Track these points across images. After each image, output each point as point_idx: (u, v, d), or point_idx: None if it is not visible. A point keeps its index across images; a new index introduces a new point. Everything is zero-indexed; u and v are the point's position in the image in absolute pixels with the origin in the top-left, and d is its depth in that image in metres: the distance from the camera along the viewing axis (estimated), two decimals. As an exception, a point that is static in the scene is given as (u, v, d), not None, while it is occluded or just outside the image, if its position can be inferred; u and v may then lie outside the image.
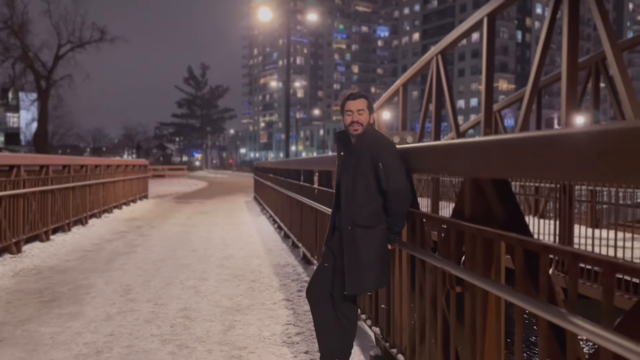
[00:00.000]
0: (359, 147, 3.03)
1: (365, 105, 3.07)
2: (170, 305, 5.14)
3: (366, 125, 3.05)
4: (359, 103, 3.08)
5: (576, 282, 1.59)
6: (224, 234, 10.32)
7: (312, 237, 6.56)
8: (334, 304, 3.16)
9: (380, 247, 2.98)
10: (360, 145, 3.03)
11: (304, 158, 10.14)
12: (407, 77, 12.09)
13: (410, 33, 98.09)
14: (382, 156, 2.91)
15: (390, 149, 2.95)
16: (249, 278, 6.40)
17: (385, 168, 2.88)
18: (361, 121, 3.05)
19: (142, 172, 19.77)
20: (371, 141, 2.99)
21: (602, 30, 6.18)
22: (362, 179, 2.99)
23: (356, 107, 3.07)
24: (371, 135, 3.03)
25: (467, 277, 2.08)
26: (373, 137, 3.01)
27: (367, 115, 3.06)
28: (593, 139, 1.52)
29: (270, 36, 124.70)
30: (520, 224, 2.09)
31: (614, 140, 1.43)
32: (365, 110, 3.06)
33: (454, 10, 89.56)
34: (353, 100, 3.09)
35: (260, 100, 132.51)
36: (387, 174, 2.87)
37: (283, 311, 4.99)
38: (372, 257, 2.96)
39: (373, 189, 2.96)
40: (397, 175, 2.86)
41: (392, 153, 2.94)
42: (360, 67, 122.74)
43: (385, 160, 2.89)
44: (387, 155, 2.92)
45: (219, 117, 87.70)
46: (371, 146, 2.97)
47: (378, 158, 2.91)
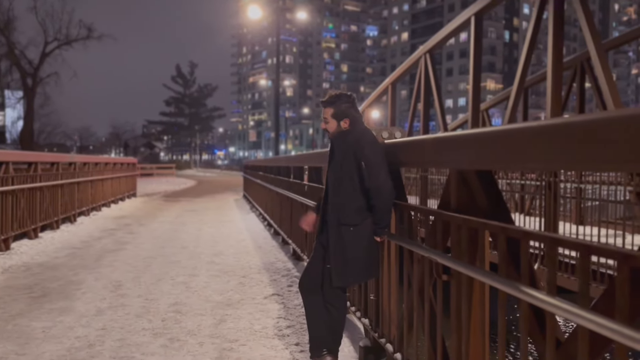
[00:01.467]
0: (344, 145, 3.10)
1: (329, 113, 3.16)
2: (161, 300, 5.18)
3: (334, 133, 3.15)
4: (325, 111, 3.20)
5: (555, 266, 1.67)
6: (213, 232, 10.34)
7: (302, 234, 6.62)
8: (323, 294, 3.23)
9: (366, 243, 3.05)
10: (345, 143, 3.10)
11: (294, 155, 10.23)
12: (395, 75, 12.20)
13: (399, 32, 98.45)
14: (364, 153, 2.98)
15: (372, 147, 3.01)
16: (239, 274, 6.44)
17: (367, 165, 2.96)
18: (327, 129, 3.19)
19: (130, 170, 19.69)
20: (355, 139, 3.06)
21: (586, 29, 6.31)
22: (347, 176, 3.06)
23: (323, 114, 3.21)
24: (356, 134, 3.09)
25: (454, 265, 2.16)
26: (358, 135, 3.08)
27: (333, 124, 3.16)
28: (573, 128, 1.60)
29: (259, 35, 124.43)
30: (504, 213, 2.17)
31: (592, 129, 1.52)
32: (330, 119, 3.16)
33: (443, 10, 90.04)
34: (323, 108, 3.22)
35: (249, 99, 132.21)
36: (369, 171, 2.95)
37: (274, 305, 5.05)
38: (358, 253, 3.04)
39: (357, 187, 3.04)
40: (378, 172, 2.93)
41: (374, 151, 3.00)
42: (349, 66, 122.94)
43: (367, 158, 2.97)
44: (368, 152, 2.98)
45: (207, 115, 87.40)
46: (355, 144, 3.04)
47: (361, 156, 2.99)
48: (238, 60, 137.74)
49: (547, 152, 1.68)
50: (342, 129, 3.13)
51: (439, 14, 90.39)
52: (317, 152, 6.71)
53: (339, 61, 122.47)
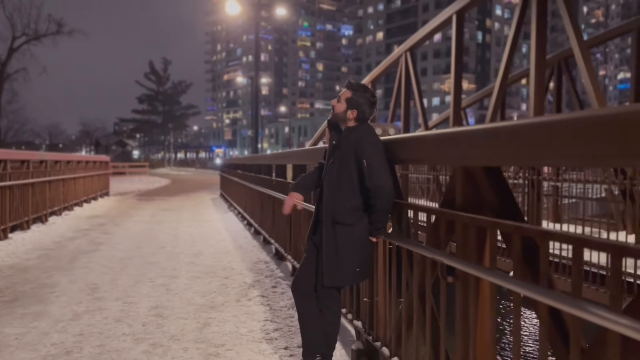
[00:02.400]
0: (345, 140, 2.99)
1: (345, 96, 3.06)
2: (141, 304, 4.98)
3: (337, 114, 3.06)
4: (344, 92, 3.10)
5: (581, 268, 1.58)
6: (191, 231, 10.11)
7: (286, 233, 6.48)
8: (317, 296, 3.11)
9: (360, 244, 2.94)
10: (347, 139, 2.99)
11: (276, 153, 10.08)
12: (375, 74, 12.15)
13: (374, 32, 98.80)
14: (367, 153, 2.87)
15: (375, 146, 2.91)
16: (221, 275, 6.27)
17: (368, 165, 2.84)
18: (334, 106, 3.08)
19: (103, 168, 19.21)
20: (358, 136, 2.95)
21: (569, 27, 6.33)
22: (346, 174, 2.95)
23: (341, 94, 3.10)
24: (359, 131, 2.98)
25: (463, 266, 2.06)
26: (360, 133, 2.97)
27: (342, 106, 3.04)
28: (586, 124, 1.51)
29: (234, 32, 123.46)
30: (515, 211, 2.08)
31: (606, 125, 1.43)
32: (343, 101, 3.05)
33: (417, 10, 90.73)
34: (344, 88, 3.12)
35: (224, 96, 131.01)
36: (370, 171, 2.83)
37: (259, 307, 4.90)
38: (351, 254, 2.93)
39: (356, 186, 2.93)
40: (380, 172, 2.83)
41: (377, 150, 2.90)
42: (324, 65, 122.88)
43: (369, 157, 2.85)
44: (371, 152, 2.87)
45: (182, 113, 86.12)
46: (357, 142, 2.92)
47: (362, 154, 2.87)
48: (212, 57, 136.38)
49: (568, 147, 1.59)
50: (346, 117, 3.01)
51: (414, 14, 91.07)
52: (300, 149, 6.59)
53: (314, 60, 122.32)
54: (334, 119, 3.07)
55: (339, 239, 2.93)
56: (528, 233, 1.81)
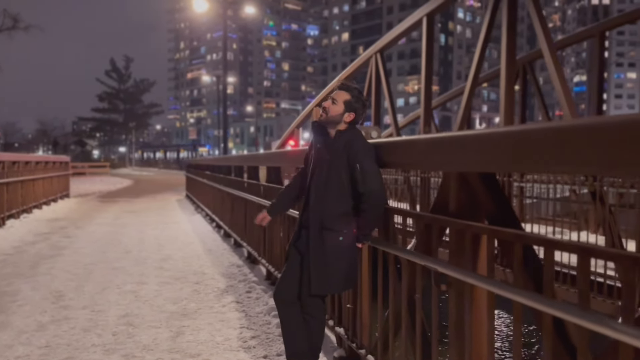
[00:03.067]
0: (336, 144, 2.89)
1: (343, 98, 2.94)
2: (110, 312, 4.77)
3: (333, 116, 2.93)
4: (337, 92, 2.98)
5: (588, 278, 1.54)
6: (158, 234, 9.84)
7: (259, 236, 6.36)
8: (301, 304, 3.01)
9: (348, 250, 2.86)
10: (337, 142, 2.89)
11: (249, 154, 10.00)
12: (345, 74, 12.13)
13: (339, 33, 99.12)
14: (359, 157, 2.78)
15: (367, 151, 2.83)
16: (192, 280, 6.09)
17: (362, 169, 2.76)
18: (327, 108, 2.93)
19: (63, 169, 18.56)
20: (349, 140, 2.86)
21: (540, 30, 6.43)
22: (336, 178, 2.86)
23: (334, 95, 2.97)
24: (350, 135, 2.90)
25: (461, 275, 2.00)
26: (351, 137, 2.88)
27: (339, 108, 2.92)
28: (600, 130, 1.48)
29: (198, 30, 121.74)
30: (512, 218, 2.04)
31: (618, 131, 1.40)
32: (340, 103, 2.93)
33: (382, 12, 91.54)
34: (338, 90, 3.00)
35: (187, 95, 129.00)
36: (363, 176, 2.75)
37: (234, 314, 4.77)
38: (340, 261, 2.85)
39: (346, 190, 2.84)
40: (373, 177, 2.76)
41: (369, 154, 2.82)
42: (290, 64, 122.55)
43: (362, 162, 2.77)
44: (363, 156, 2.79)
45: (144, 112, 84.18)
46: (349, 146, 2.84)
47: (355, 159, 2.79)
48: (175, 55, 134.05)
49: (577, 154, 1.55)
50: (341, 120, 2.92)
51: (379, 16, 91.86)
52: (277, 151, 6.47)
53: (280, 59, 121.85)
54: (326, 121, 2.95)
55: (327, 245, 2.84)
56: (531, 241, 1.77)
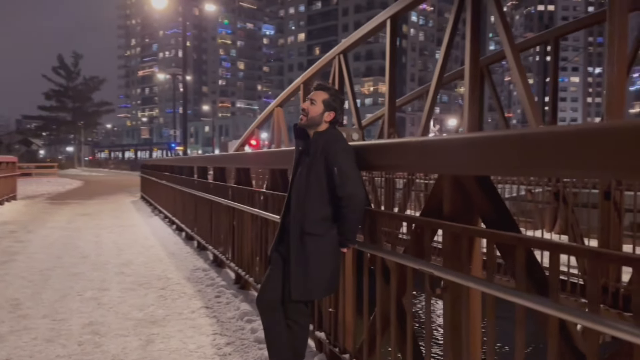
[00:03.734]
0: (314, 146, 2.83)
1: (321, 98, 2.87)
2: (72, 321, 4.54)
3: (313, 117, 2.86)
4: (314, 94, 2.89)
5: (599, 283, 1.55)
6: (115, 238, 9.49)
7: (226, 238, 6.22)
8: (285, 310, 2.94)
9: (330, 255, 2.81)
10: (316, 144, 2.82)
11: (217, 155, 9.80)
12: (308, 74, 12.09)
13: (295, 33, 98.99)
14: (337, 159, 2.72)
15: (346, 153, 2.78)
16: (156, 285, 5.89)
17: (340, 172, 2.70)
18: (308, 110, 2.85)
19: (9, 170, 17.66)
20: (327, 141, 2.80)
21: (503, 33, 6.58)
22: (316, 182, 2.79)
23: (313, 95, 2.89)
24: (328, 135, 2.84)
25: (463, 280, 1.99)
26: (330, 137, 2.82)
27: (319, 109, 2.86)
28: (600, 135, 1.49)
29: (149, 27, 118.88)
30: (509, 222, 2.04)
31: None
32: (319, 103, 2.87)
33: (337, 13, 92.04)
34: (312, 91, 2.91)
35: (138, 93, 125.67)
36: (341, 179, 2.69)
37: (205, 320, 4.63)
38: (321, 266, 2.79)
39: (325, 194, 2.78)
40: (353, 180, 2.70)
41: (349, 157, 2.77)
42: (246, 64, 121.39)
43: (340, 164, 2.71)
44: (342, 158, 2.73)
45: (94, 110, 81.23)
46: (327, 147, 2.77)
47: (333, 161, 2.73)
48: (126, 52, 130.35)
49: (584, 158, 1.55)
50: (322, 121, 2.85)
51: (334, 17, 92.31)
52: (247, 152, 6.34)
53: (235, 58, 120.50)
54: (308, 124, 2.88)
55: (308, 251, 2.78)
56: (534, 245, 1.76)
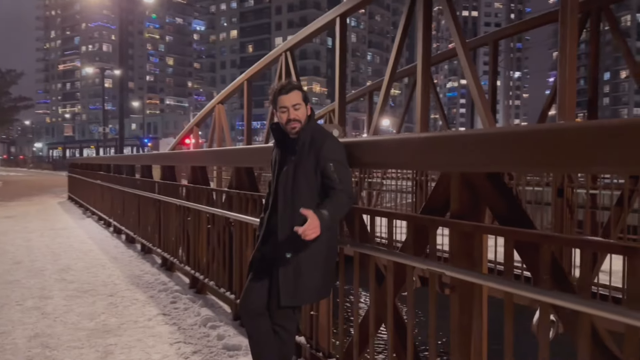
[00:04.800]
0: (300, 143, 2.68)
1: (300, 97, 2.71)
2: (16, 333, 4.14)
3: (304, 120, 2.72)
4: (293, 96, 2.68)
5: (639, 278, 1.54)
6: (48, 242, 8.84)
7: (178, 240, 5.93)
8: (271, 316, 2.78)
9: (323, 257, 2.69)
10: (301, 141, 2.68)
11: (167, 153, 9.35)
12: (251, 72, 11.83)
13: (227, 29, 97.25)
14: (332, 156, 2.59)
15: (338, 147, 2.67)
16: (104, 292, 5.50)
17: (335, 168, 2.58)
18: (299, 117, 2.68)
19: None
20: (315, 137, 2.66)
21: (454, 31, 6.71)
22: (304, 180, 2.65)
23: (291, 102, 2.67)
24: (313, 130, 2.70)
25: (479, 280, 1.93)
26: (316, 133, 2.69)
27: (304, 109, 2.71)
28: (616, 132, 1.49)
29: (71, 19, 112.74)
30: (525, 219, 2.01)
31: None
32: (302, 103, 2.71)
33: (270, 11, 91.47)
34: (286, 95, 2.68)
35: (59, 88, 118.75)
36: (338, 175, 2.57)
37: (164, 328, 4.36)
38: (314, 269, 2.66)
39: (315, 191, 2.65)
40: (347, 176, 2.61)
41: (342, 152, 2.66)
42: (175, 59, 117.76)
43: (335, 160, 2.59)
44: (337, 155, 2.61)
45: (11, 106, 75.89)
46: (316, 143, 2.64)
47: (326, 157, 2.60)
48: (45, 45, 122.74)
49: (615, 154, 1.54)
50: (308, 115, 2.72)
51: (267, 15, 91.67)
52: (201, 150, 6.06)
53: (164, 53, 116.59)
54: (304, 128, 2.68)
55: (299, 253, 2.64)
56: (562, 242, 1.74)
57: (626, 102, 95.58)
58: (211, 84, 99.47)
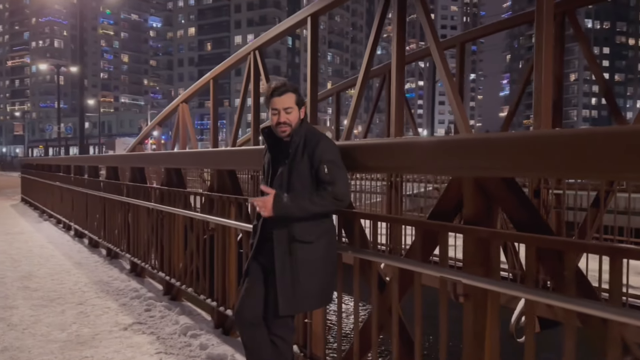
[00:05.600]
0: (293, 145, 2.58)
1: (293, 101, 2.60)
2: (-19, 349, 3.86)
3: (296, 124, 2.62)
4: (286, 99, 2.59)
5: None
6: (5, 247, 8.38)
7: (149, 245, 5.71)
8: (267, 325, 2.68)
9: (323, 264, 2.60)
10: (295, 143, 2.58)
11: (135, 154, 9.01)
12: (218, 70, 11.55)
13: (185, 26, 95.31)
14: (326, 157, 2.51)
15: (333, 149, 2.58)
16: (72, 300, 5.24)
17: (329, 170, 2.50)
18: (289, 121, 2.58)
19: None
20: (308, 139, 2.57)
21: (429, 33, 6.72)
22: (299, 183, 2.56)
23: (283, 104, 2.58)
24: (306, 132, 2.60)
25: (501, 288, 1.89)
26: (310, 135, 2.59)
27: (296, 112, 2.61)
28: None
29: (19, 13, 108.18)
30: (542, 224, 1.99)
31: None
32: (294, 107, 2.60)
33: (229, 9, 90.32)
34: (279, 97, 2.59)
35: (7, 85, 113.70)
36: (331, 177, 2.50)
37: (142, 338, 4.17)
38: (313, 275, 2.57)
39: None
40: (343, 179, 2.53)
41: (336, 153, 2.58)
42: (130, 56, 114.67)
43: (330, 162, 2.51)
44: (330, 155, 2.53)
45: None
46: (309, 145, 2.55)
47: (321, 159, 2.51)
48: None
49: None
50: (299, 120, 2.62)
51: (226, 13, 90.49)
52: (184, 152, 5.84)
53: (118, 50, 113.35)
54: (292, 132, 2.59)
55: (299, 259, 2.55)
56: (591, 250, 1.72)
57: (575, 104, 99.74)
58: (168, 81, 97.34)
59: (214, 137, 12.26)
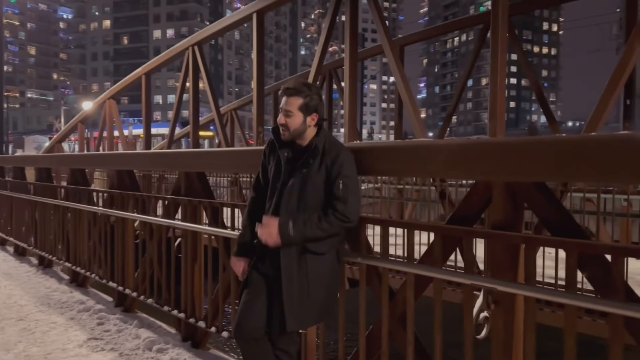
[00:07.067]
0: (310, 152, 2.42)
1: (296, 106, 2.42)
2: None
3: (295, 129, 2.45)
4: (290, 102, 2.43)
5: None
6: None
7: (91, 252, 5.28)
8: (271, 340, 2.51)
9: (329, 275, 2.46)
10: (312, 150, 2.42)
11: (83, 154, 8.28)
12: (151, 66, 10.96)
13: (99, 19, 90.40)
14: (344, 172, 2.37)
15: (352, 164, 2.43)
16: (11, 316, 4.72)
17: (344, 187, 2.35)
18: (288, 125, 2.43)
19: None
20: (327, 149, 2.41)
21: (382, 33, 6.76)
22: (314, 194, 2.39)
23: (286, 106, 2.44)
24: (325, 142, 2.45)
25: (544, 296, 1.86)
26: (329, 145, 2.43)
27: (298, 119, 2.43)
28: None
29: None
30: (576, 228, 1.98)
31: None
32: (296, 112, 2.43)
33: (148, 2, 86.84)
34: (286, 97, 2.45)
35: None
36: (344, 194, 2.35)
37: (102, 355, 3.82)
38: (322, 288, 2.43)
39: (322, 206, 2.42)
40: (355, 197, 2.40)
41: (354, 168, 2.44)
42: (38, 49, 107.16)
43: (347, 177, 2.37)
44: (348, 171, 2.39)
45: None
46: (328, 155, 2.39)
47: (339, 173, 2.36)
48: None
49: None
50: (306, 127, 2.45)
51: (144, 6, 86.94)
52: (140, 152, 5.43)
53: (24, 42, 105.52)
54: (293, 137, 2.45)
55: (309, 271, 2.39)
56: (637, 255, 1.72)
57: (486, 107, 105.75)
58: (81, 76, 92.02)
59: (146, 135, 11.66)
